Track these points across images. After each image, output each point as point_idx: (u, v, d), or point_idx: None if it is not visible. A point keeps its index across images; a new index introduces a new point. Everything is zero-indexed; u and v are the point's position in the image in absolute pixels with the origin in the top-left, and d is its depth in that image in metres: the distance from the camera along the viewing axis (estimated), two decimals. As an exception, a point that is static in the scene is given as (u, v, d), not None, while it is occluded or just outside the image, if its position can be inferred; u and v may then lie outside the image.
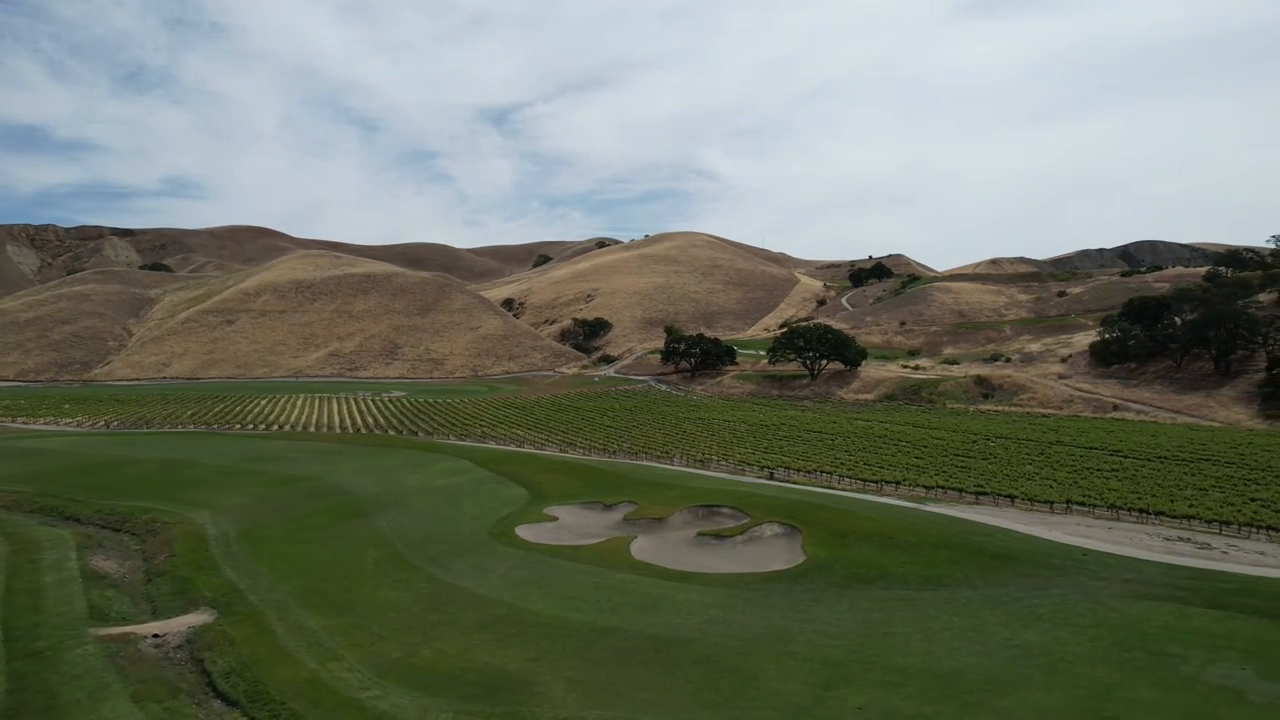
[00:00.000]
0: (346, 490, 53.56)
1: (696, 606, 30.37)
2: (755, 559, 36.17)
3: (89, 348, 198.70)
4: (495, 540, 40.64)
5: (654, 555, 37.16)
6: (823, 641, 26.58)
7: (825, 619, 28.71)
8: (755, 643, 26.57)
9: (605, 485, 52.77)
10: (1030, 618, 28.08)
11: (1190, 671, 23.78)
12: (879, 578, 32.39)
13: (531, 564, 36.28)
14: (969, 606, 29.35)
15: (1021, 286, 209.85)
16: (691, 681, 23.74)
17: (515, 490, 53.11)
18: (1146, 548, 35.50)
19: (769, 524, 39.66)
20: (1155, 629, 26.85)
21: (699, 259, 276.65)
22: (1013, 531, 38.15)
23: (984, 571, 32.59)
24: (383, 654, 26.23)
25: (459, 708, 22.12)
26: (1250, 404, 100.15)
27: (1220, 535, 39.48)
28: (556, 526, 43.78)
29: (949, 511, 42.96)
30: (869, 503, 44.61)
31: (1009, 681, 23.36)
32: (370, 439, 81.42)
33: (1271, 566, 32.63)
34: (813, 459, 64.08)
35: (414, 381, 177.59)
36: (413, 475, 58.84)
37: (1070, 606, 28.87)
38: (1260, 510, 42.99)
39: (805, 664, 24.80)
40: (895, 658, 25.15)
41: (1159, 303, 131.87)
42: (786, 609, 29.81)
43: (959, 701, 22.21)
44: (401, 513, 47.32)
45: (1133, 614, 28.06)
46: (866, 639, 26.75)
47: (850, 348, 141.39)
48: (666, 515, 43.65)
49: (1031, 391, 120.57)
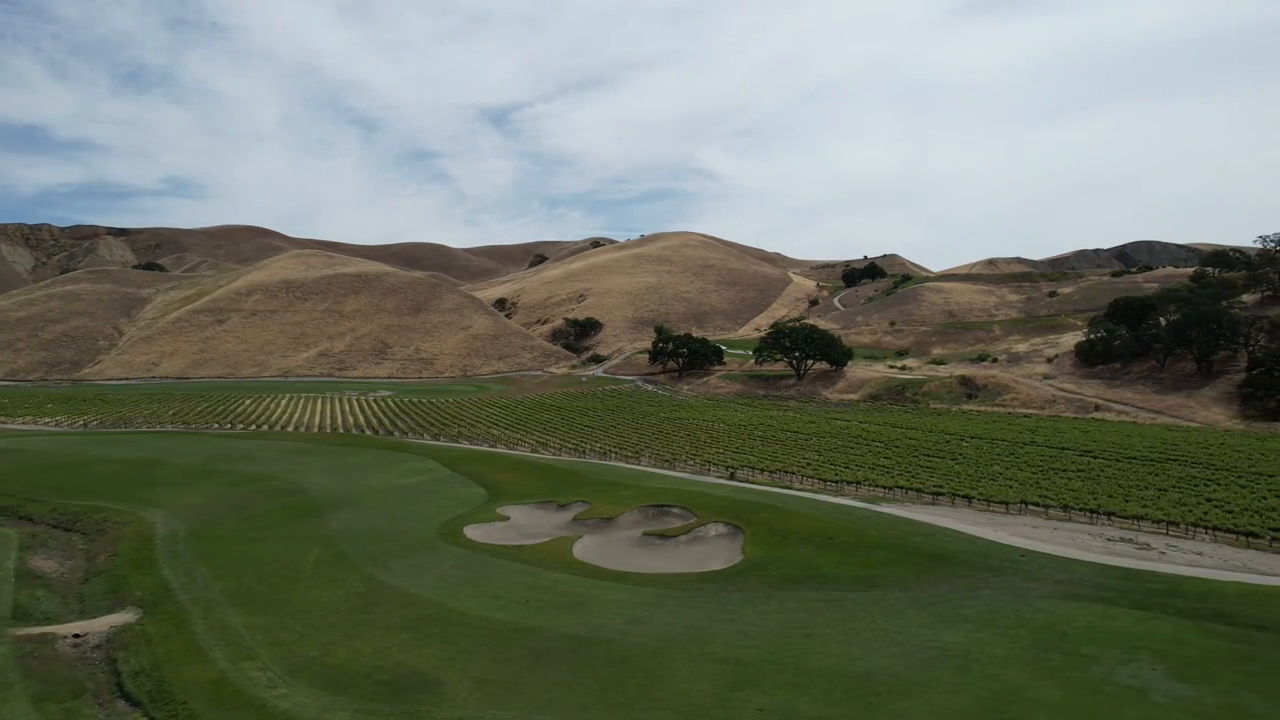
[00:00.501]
0: (306, 490, 53.53)
1: (624, 606, 30.32)
2: (695, 559, 36.10)
3: (79, 347, 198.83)
4: (441, 540, 40.60)
5: (595, 555, 37.10)
6: (741, 642, 26.51)
7: (750, 619, 28.64)
8: (673, 643, 26.51)
9: (564, 485, 52.72)
10: (955, 619, 28.01)
11: (1101, 672, 23.71)
12: (812, 578, 32.31)
13: (471, 563, 36.24)
14: (896, 608, 29.28)
15: (1012, 286, 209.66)
16: (599, 682, 23.68)
17: (474, 490, 53.07)
18: (1086, 548, 35.40)
19: (714, 524, 39.60)
20: (1076, 630, 26.77)
21: (692, 259, 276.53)
22: (957, 532, 38.05)
23: (919, 573, 32.50)
24: (299, 653, 26.19)
25: (359, 706, 22.08)
26: (1230, 404, 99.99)
27: (1166, 536, 39.35)
28: (506, 526, 43.74)
29: (900, 512, 42.86)
30: (820, 503, 44.53)
31: (918, 683, 23.29)
32: (342, 439, 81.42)
33: (1205, 566, 32.52)
34: (780, 459, 63.98)
35: (403, 381, 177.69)
36: (376, 475, 58.81)
37: (997, 608, 28.80)
38: (1211, 510, 42.86)
39: (718, 665, 24.73)
40: (811, 659, 25.08)
41: (1144, 303, 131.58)
42: (713, 609, 29.75)
43: (863, 703, 22.15)
44: (355, 512, 47.29)
45: (1057, 615, 27.99)
46: (786, 640, 26.69)
47: (836, 348, 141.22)
48: (616, 515, 43.60)
49: (1015, 392, 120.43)
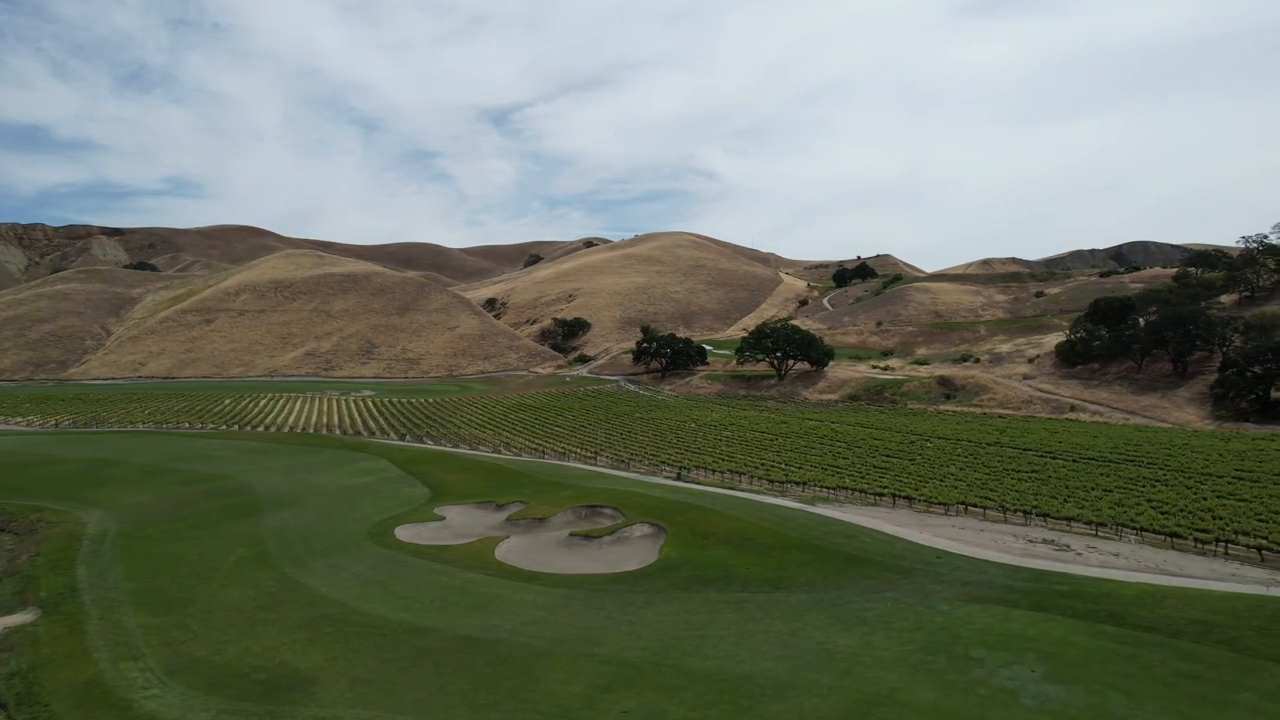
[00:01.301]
0: (253, 489, 53.51)
1: (528, 607, 30.23)
2: (614, 559, 36.00)
3: (66, 347, 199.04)
4: (370, 540, 40.53)
5: (517, 555, 37.01)
6: (631, 644, 26.40)
7: (648, 620, 28.53)
8: (563, 644, 26.41)
9: (510, 485, 52.66)
10: (853, 621, 27.89)
11: (982, 674, 23.58)
12: (721, 579, 32.19)
13: (390, 564, 36.17)
14: (798, 610, 29.17)
15: (1000, 287, 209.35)
16: (474, 682, 23.59)
17: (419, 490, 53.01)
18: (1006, 550, 35.24)
19: (640, 524, 39.49)
20: (971, 632, 26.64)
21: (682, 259, 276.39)
22: (883, 534, 37.90)
23: (830, 574, 32.38)
24: (187, 653, 26.12)
25: (225, 707, 22.00)
26: (1202, 405, 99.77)
27: (1094, 537, 39.17)
28: (440, 526, 43.66)
29: (835, 513, 42.71)
30: (755, 504, 44.39)
31: (795, 686, 23.18)
32: (306, 438, 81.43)
33: (1116, 568, 32.36)
34: (736, 459, 63.87)
35: (388, 381, 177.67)
36: (327, 475, 58.77)
37: (898, 610, 28.68)
38: (1146, 511, 42.67)
39: (601, 666, 24.63)
40: (695, 661, 24.97)
41: (1123, 303, 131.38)
42: (614, 610, 29.65)
43: (732, 705, 22.04)
44: (294, 512, 47.25)
45: (956, 617, 27.86)
46: (678, 641, 26.58)
47: (816, 348, 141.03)
48: (549, 515, 43.50)
49: (992, 392, 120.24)
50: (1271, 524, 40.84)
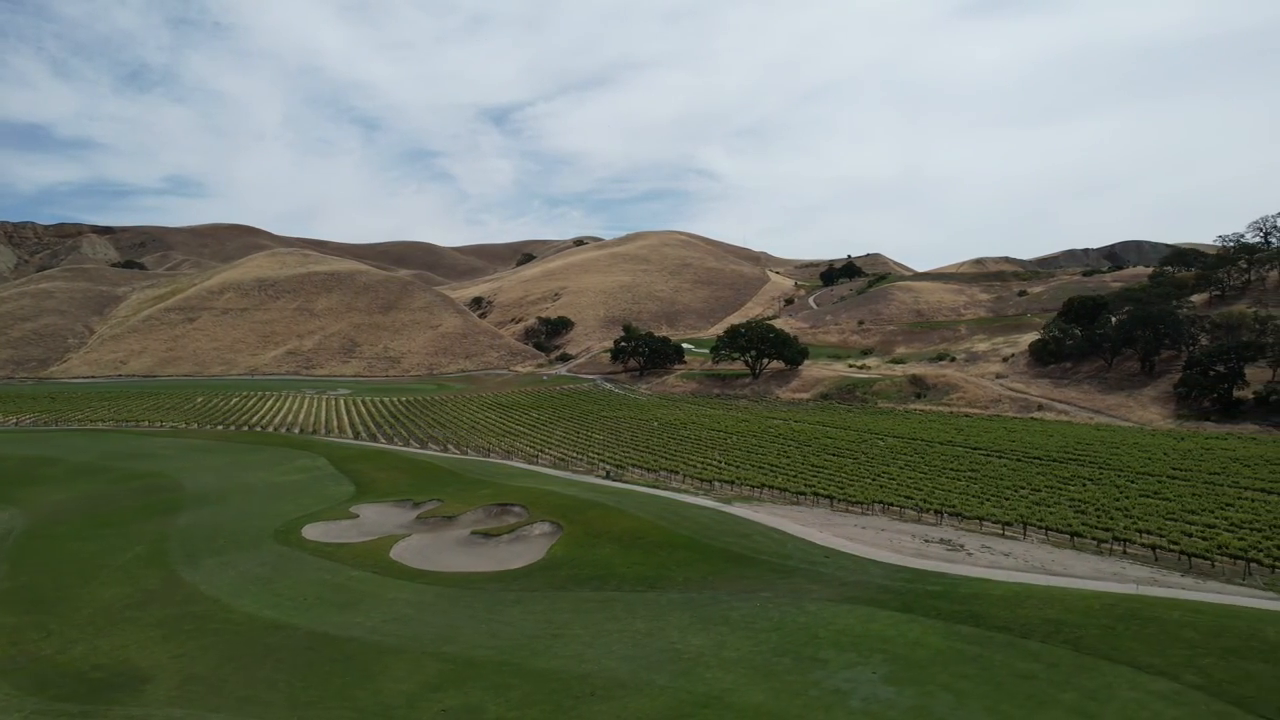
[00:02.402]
0: (181, 487, 53.38)
1: (398, 605, 30.03)
2: (504, 557, 35.77)
3: (47, 345, 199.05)
4: (273, 538, 40.33)
5: (411, 554, 36.80)
6: (484, 642, 26.18)
7: (510, 619, 28.31)
8: (416, 641, 26.21)
9: (436, 483, 52.47)
10: (716, 621, 27.64)
11: (821, 676, 23.31)
12: (598, 578, 31.94)
13: (282, 561, 35.98)
14: (665, 609, 28.93)
15: (983, 286, 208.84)
16: (307, 680, 23.37)
17: (345, 488, 52.83)
18: (898, 549, 34.94)
19: (541, 523, 39.25)
20: (830, 632, 26.37)
21: (669, 258, 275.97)
22: (781, 533, 37.62)
23: (710, 574, 32.12)
24: (32, 652, 25.93)
25: (40, 707, 21.80)
26: (1166, 404, 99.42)
27: (1003, 536, 38.87)
28: (350, 524, 43.44)
29: (745, 512, 42.43)
30: (668, 502, 44.14)
31: (628, 686, 22.92)
32: (250, 436, 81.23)
33: (1001, 568, 32.08)
34: (675, 458, 63.64)
35: (367, 380, 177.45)
36: (260, 472, 58.59)
37: (765, 610, 28.42)
38: (1062, 510, 42.38)
39: (442, 664, 24.41)
40: (540, 660, 24.74)
41: (1097, 303, 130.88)
42: (482, 609, 29.44)
43: (554, 705, 21.79)
44: (213, 510, 47.08)
45: (821, 617, 27.60)
46: (531, 640, 26.36)
47: (791, 347, 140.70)
48: (460, 514, 43.29)
49: (962, 391, 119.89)
50: (1181, 522, 40.55)
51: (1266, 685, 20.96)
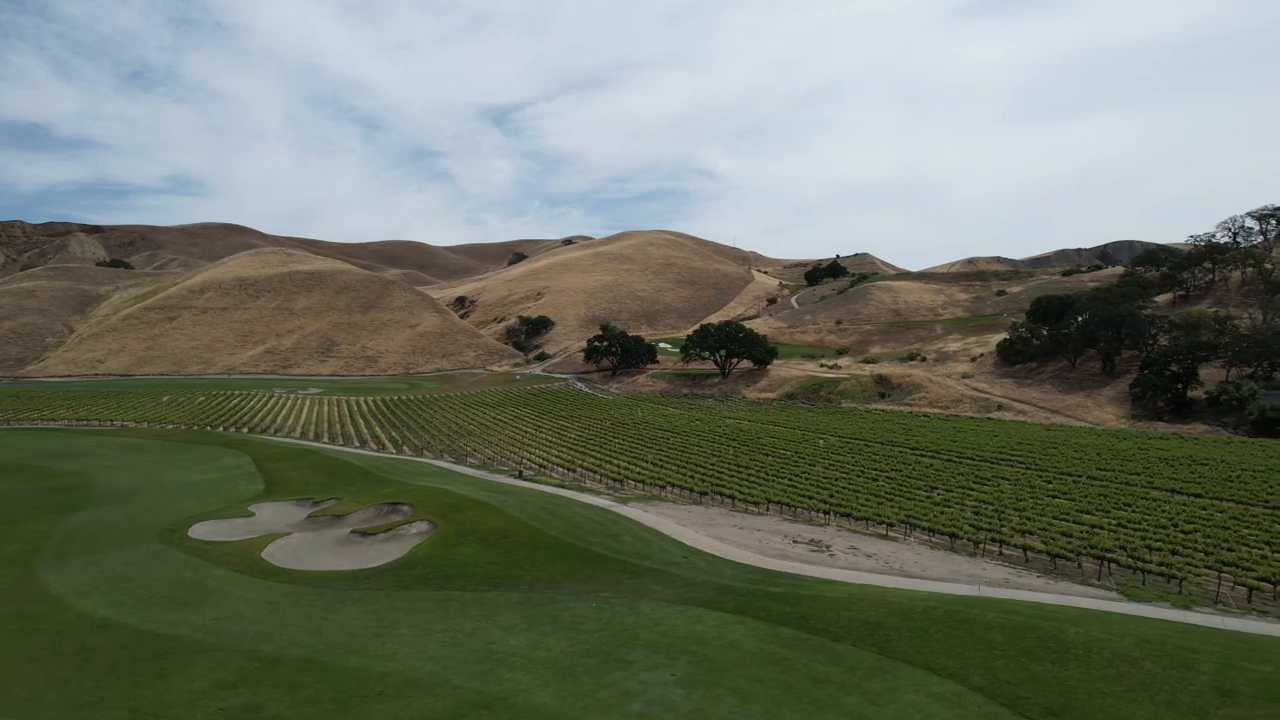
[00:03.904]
0: (91, 486, 53.28)
1: (240, 603, 29.83)
2: (370, 556, 35.55)
3: (26, 344, 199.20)
4: (157, 537, 40.18)
5: (284, 553, 36.60)
6: (303, 640, 25.97)
7: (342, 617, 28.10)
8: (234, 639, 26.02)
9: (344, 481, 52.33)
10: (544, 621, 27.39)
11: (619, 677, 23.05)
12: (446, 577, 31.71)
13: (149, 561, 35.80)
14: (498, 609, 28.72)
15: (963, 286, 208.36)
16: (102, 679, 23.16)
17: (256, 486, 52.73)
18: (762, 549, 34.66)
19: (420, 522, 39.03)
20: (653, 634, 26.08)
21: (653, 257, 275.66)
22: (655, 532, 37.35)
23: (561, 574, 31.86)
24: None
25: None
26: (1123, 404, 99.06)
27: (885, 537, 38.53)
28: (242, 522, 43.26)
29: (632, 511, 42.14)
30: (554, 500, 43.96)
31: (421, 685, 22.67)
32: (189, 435, 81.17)
33: (858, 569, 31.78)
34: (594, 457, 63.45)
35: (343, 379, 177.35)
36: (179, 471, 58.46)
37: (598, 611, 28.17)
38: (958, 511, 42.05)
39: (247, 663, 24.19)
40: (350, 659, 24.51)
41: (1064, 303, 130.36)
42: (321, 607, 29.24)
43: (336, 704, 21.53)
44: (111, 509, 46.96)
45: (652, 618, 27.34)
46: (351, 639, 26.13)
47: (759, 346, 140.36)
48: (350, 512, 43.10)
49: (925, 391, 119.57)
50: (1071, 523, 40.19)
51: (1045, 686, 20.67)
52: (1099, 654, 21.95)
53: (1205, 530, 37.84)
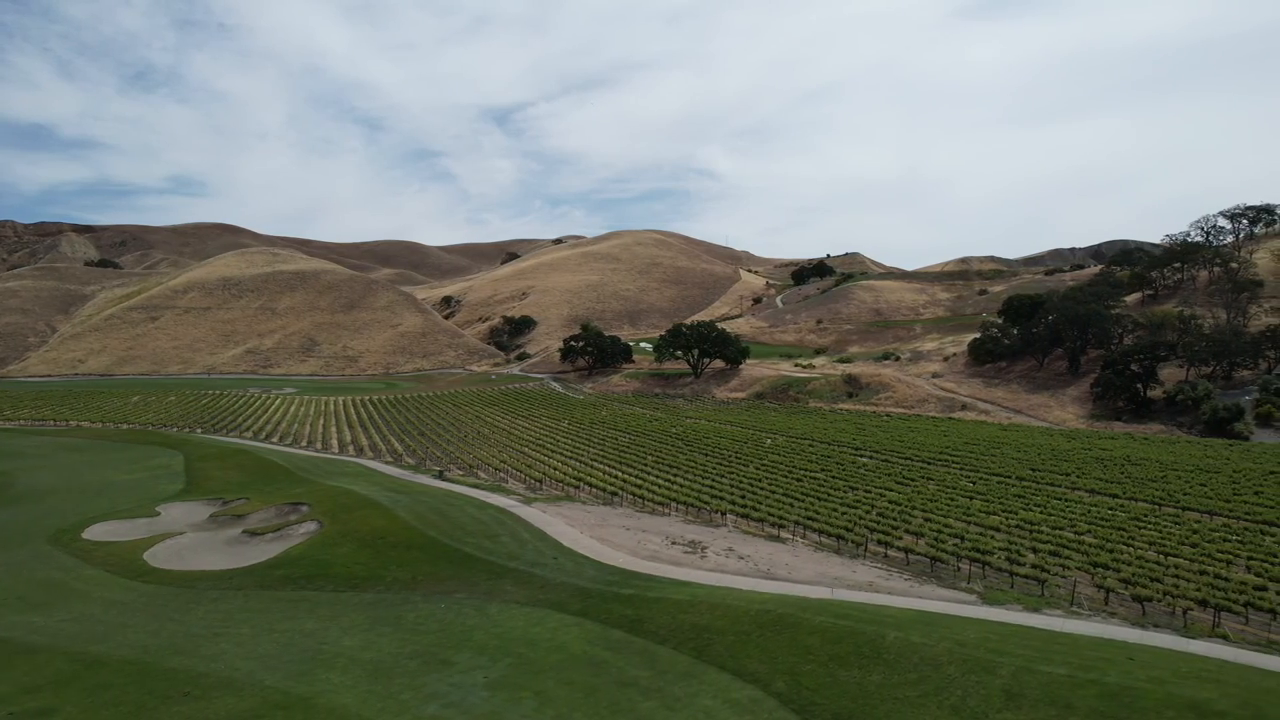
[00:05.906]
0: (11, 486, 53.42)
1: (96, 604, 29.66)
2: (248, 556, 35.30)
3: (8, 344, 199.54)
4: (47, 538, 40.06)
5: (165, 553, 36.40)
6: (138, 641, 25.74)
7: (188, 618, 27.88)
8: (70, 640, 25.84)
9: (265, 480, 52.21)
10: (386, 622, 27.14)
11: (432, 679, 22.78)
12: (308, 578, 31.47)
13: (25, 562, 35.66)
14: (345, 609, 28.48)
15: (945, 285, 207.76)
16: (-91, 684, 22.93)
17: (175, 486, 52.64)
18: (635, 550, 34.35)
19: (309, 522, 38.82)
20: (487, 635, 25.82)
21: (640, 257, 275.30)
22: (538, 532, 37.14)
23: (425, 575, 31.60)
24: None
25: None
26: (1084, 404, 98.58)
27: (776, 538, 38.21)
28: (142, 523, 43.07)
29: (532, 512, 41.85)
30: (451, 498, 43.99)
31: (233, 685, 22.43)
32: (131, 434, 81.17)
33: (724, 571, 31.45)
34: (529, 457, 63.22)
35: (322, 379, 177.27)
36: (107, 471, 58.37)
37: (444, 612, 27.92)
38: (861, 512, 41.70)
39: (68, 664, 23.97)
40: (175, 659, 24.28)
41: (1034, 302, 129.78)
42: (174, 607, 29.05)
43: (137, 706, 21.27)
44: (22, 509, 46.94)
45: (494, 620, 27.08)
46: (188, 639, 25.90)
47: (732, 346, 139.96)
48: (252, 512, 42.91)
49: (892, 390, 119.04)
50: (971, 524, 39.83)
51: (842, 691, 20.33)
52: (908, 658, 21.62)
53: (1099, 531, 37.45)
